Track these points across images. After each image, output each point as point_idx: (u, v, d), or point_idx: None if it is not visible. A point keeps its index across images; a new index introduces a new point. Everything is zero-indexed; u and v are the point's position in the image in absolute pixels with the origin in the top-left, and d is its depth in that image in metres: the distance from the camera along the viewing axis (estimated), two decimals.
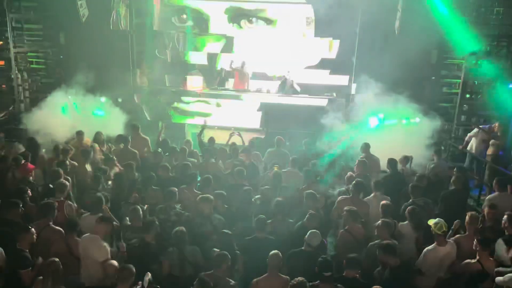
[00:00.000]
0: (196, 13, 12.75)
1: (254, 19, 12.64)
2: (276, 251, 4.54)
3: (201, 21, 12.79)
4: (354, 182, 6.28)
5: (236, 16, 12.65)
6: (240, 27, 12.73)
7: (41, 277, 4.20)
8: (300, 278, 4.11)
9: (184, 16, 12.77)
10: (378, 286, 4.26)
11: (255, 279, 4.54)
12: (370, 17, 10.77)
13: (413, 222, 5.43)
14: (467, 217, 5.36)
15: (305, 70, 12.51)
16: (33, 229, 4.72)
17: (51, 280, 4.12)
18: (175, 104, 11.74)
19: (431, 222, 5.03)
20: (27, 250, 4.59)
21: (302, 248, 4.90)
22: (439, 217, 5.13)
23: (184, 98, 11.71)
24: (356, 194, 6.16)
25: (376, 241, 5.05)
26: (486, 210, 5.84)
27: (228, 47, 12.89)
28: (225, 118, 11.54)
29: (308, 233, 4.90)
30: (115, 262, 4.47)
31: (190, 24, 12.82)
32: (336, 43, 12.33)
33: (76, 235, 4.97)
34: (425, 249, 5.00)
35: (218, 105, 11.64)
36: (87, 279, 4.75)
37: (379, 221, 5.19)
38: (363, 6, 10.83)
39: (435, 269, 4.88)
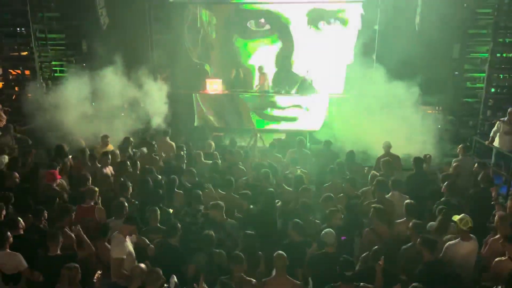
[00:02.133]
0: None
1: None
2: (281, 251, 4.52)
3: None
4: (376, 181, 6.20)
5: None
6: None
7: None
8: None
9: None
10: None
11: (262, 279, 4.53)
12: (389, 13, 10.66)
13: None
14: (496, 218, 5.22)
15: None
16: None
17: (68, 284, 4.21)
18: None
19: (456, 218, 4.97)
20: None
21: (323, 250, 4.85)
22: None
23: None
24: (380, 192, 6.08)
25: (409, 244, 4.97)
26: (509, 203, 5.73)
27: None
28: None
29: (322, 233, 4.88)
30: (143, 265, 4.53)
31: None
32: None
33: (106, 241, 5.07)
34: (447, 243, 4.94)
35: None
36: (113, 276, 4.82)
37: (411, 222, 5.06)
38: (383, 2, 10.74)
39: (456, 264, 4.79)
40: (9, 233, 4.80)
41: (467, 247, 4.88)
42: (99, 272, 4.71)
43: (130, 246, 4.91)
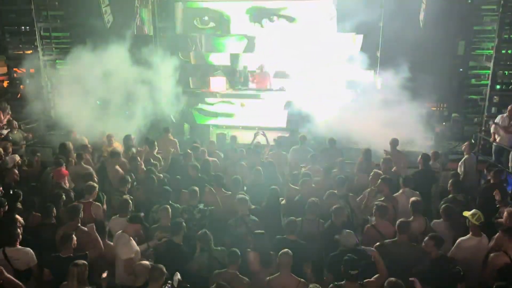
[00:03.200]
0: (217, 14, 12.86)
1: (275, 18, 12.64)
2: (286, 249, 4.51)
3: (222, 22, 12.90)
4: (381, 179, 6.18)
5: (258, 15, 12.66)
6: (262, 26, 12.75)
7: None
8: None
9: (206, 18, 12.93)
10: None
11: (267, 278, 4.55)
12: (393, 10, 10.60)
13: (450, 220, 5.31)
14: (505, 214, 5.20)
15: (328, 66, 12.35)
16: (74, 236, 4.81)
17: (76, 281, 4.21)
18: (199, 106, 11.91)
19: (467, 213, 4.98)
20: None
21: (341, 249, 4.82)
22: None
23: (208, 99, 11.85)
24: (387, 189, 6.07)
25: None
26: None
27: (250, 47, 12.95)
28: (249, 117, 11.63)
29: (341, 233, 4.87)
30: (146, 262, 4.55)
31: (212, 26, 12.96)
32: (359, 38, 12.14)
33: (105, 238, 5.08)
34: (459, 239, 4.95)
35: (242, 105, 11.71)
36: (119, 279, 4.84)
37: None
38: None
39: (469, 259, 4.79)
40: (18, 230, 4.84)
41: (478, 242, 4.89)
42: (104, 274, 4.70)
43: (134, 245, 4.92)
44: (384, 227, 5.37)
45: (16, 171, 6.85)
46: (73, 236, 4.77)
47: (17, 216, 5.32)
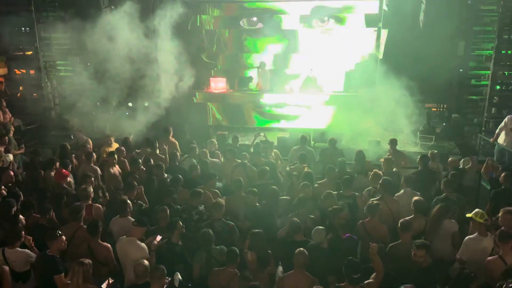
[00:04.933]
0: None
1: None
2: (302, 249, 4.53)
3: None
4: (381, 181, 6.19)
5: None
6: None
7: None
8: None
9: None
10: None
11: (280, 275, 4.54)
12: (394, 11, 10.63)
13: (449, 218, 5.31)
14: (500, 213, 5.16)
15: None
16: (63, 236, 4.78)
17: (81, 279, 4.21)
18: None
19: (470, 214, 4.98)
20: (58, 255, 4.69)
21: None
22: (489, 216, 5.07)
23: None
24: (387, 193, 6.07)
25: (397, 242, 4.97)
26: None
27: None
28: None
29: (313, 232, 4.93)
30: (145, 262, 4.54)
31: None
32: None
33: (99, 238, 5.04)
34: (466, 238, 4.94)
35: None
36: (130, 281, 4.79)
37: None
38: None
39: (477, 258, 4.78)
40: (23, 232, 4.85)
41: (485, 242, 4.87)
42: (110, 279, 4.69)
43: (145, 246, 4.91)
44: (372, 226, 5.39)
45: (11, 172, 6.81)
46: (62, 238, 4.74)
47: (20, 216, 5.31)
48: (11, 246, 4.76)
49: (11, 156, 7.76)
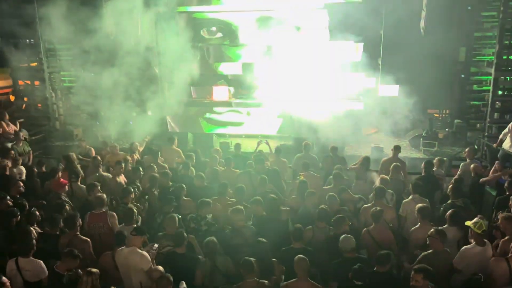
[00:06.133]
0: (225, 25, 12.85)
1: (282, 27, 12.52)
2: (302, 256, 4.52)
3: (230, 32, 12.83)
4: (375, 189, 6.23)
5: (265, 24, 12.43)
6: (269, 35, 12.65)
7: None
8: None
9: (214, 28, 12.93)
10: None
11: (284, 283, 4.54)
12: (394, 18, 10.69)
13: (458, 224, 5.30)
14: (500, 219, 5.15)
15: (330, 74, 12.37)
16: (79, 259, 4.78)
17: None
18: (207, 115, 11.97)
19: (469, 223, 4.95)
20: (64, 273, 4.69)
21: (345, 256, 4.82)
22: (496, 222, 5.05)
23: (216, 109, 11.93)
24: (379, 199, 6.10)
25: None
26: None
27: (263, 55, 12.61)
28: (254, 126, 11.75)
29: (341, 238, 4.88)
30: (160, 268, 4.56)
31: (219, 36, 12.95)
32: (360, 45, 12.19)
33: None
34: (463, 247, 4.92)
35: (248, 114, 11.80)
36: None
37: (432, 229, 5.00)
38: (387, 7, 10.76)
39: (473, 268, 4.76)
40: (34, 241, 4.89)
41: (482, 251, 4.84)
42: None
43: (147, 254, 4.92)
44: (378, 232, 5.40)
45: (21, 183, 6.86)
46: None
47: (32, 227, 5.33)
48: (25, 256, 4.78)
49: (23, 169, 7.82)
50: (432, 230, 4.95)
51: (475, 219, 4.96)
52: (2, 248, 5.14)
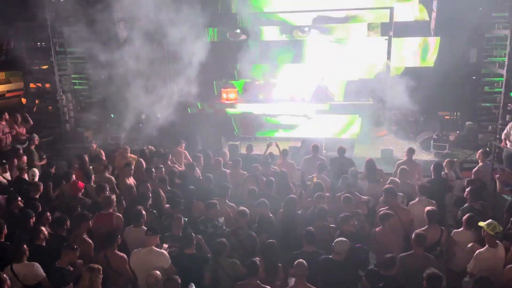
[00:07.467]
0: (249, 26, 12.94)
1: (306, 29, 12.61)
2: (301, 260, 4.49)
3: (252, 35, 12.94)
4: (385, 189, 6.15)
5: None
6: (292, 37, 12.81)
7: None
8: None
9: (238, 31, 13.06)
10: None
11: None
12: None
13: (475, 228, 5.20)
14: None
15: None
16: (77, 251, 4.85)
17: (88, 284, 4.24)
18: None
19: (483, 224, 4.90)
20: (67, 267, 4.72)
21: (330, 256, 4.80)
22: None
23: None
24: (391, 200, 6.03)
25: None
26: None
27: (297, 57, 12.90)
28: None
29: (335, 242, 4.84)
30: (157, 272, 4.55)
31: (243, 39, 13.05)
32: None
33: (116, 249, 5.08)
34: (476, 251, 4.86)
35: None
36: None
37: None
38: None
39: (487, 272, 4.66)
40: (25, 246, 4.89)
41: (495, 253, 4.79)
42: None
43: (165, 252, 4.99)
44: (383, 235, 5.35)
45: (41, 187, 6.94)
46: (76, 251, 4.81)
47: (42, 228, 5.36)
48: (18, 261, 4.78)
49: (36, 171, 7.90)
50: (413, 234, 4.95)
51: (489, 221, 4.91)
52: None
